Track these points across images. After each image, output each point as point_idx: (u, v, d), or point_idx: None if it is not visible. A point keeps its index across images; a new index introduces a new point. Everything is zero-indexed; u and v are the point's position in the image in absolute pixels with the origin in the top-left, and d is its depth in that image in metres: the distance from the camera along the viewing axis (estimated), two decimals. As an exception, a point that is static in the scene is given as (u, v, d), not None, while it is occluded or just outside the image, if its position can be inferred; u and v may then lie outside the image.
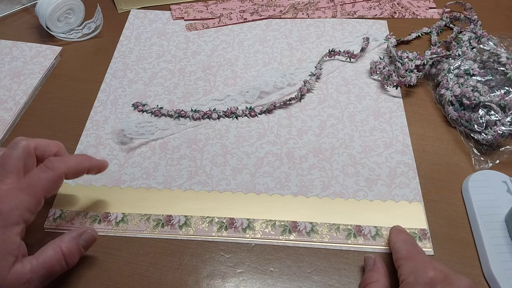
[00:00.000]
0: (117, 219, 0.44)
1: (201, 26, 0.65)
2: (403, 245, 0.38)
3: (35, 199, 0.36)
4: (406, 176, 0.48)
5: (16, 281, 0.33)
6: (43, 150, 0.39)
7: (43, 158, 0.39)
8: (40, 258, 0.35)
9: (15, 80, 0.56)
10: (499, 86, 0.52)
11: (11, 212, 0.34)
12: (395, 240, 0.40)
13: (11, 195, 0.35)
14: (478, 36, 0.59)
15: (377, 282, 0.37)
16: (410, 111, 0.54)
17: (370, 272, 0.38)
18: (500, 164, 0.48)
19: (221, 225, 0.43)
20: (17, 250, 0.34)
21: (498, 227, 0.43)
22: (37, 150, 0.39)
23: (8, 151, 0.37)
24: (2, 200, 0.34)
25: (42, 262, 0.35)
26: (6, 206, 0.34)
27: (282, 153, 0.49)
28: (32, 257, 0.35)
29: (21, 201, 0.35)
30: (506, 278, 0.39)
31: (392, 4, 0.69)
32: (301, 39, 0.63)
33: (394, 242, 0.40)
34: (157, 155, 0.49)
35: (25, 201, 0.35)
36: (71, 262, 0.37)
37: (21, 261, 0.34)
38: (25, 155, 0.37)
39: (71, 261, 0.37)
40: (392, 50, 0.58)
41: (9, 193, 0.35)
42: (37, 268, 0.35)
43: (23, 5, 0.67)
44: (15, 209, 0.35)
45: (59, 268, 0.36)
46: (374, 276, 0.37)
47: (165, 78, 0.57)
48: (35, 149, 0.39)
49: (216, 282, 0.40)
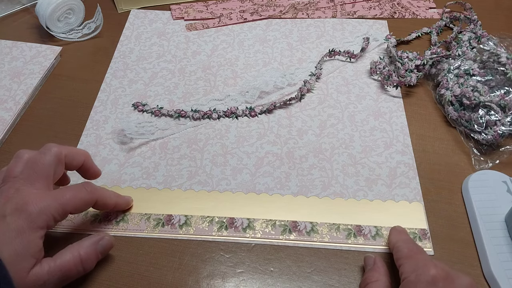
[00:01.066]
0: (118, 219, 0.44)
1: (201, 26, 0.65)
2: (404, 244, 0.38)
3: (63, 208, 0.36)
4: (406, 176, 0.48)
5: (33, 282, 0.34)
6: (71, 158, 0.40)
7: (71, 165, 0.40)
8: (58, 261, 0.36)
9: (15, 80, 0.56)
10: (499, 86, 0.52)
11: (39, 215, 0.35)
12: (395, 240, 0.40)
13: (41, 199, 0.35)
14: (478, 36, 0.59)
15: (378, 281, 0.37)
16: (410, 111, 0.54)
17: (371, 271, 0.38)
18: (500, 164, 0.48)
19: (221, 224, 0.43)
20: (38, 253, 0.35)
21: (498, 227, 0.43)
22: (67, 158, 0.40)
23: (39, 155, 0.38)
24: (32, 202, 0.35)
25: (59, 265, 0.35)
26: (35, 208, 0.35)
27: (282, 153, 0.49)
28: (50, 259, 0.36)
29: (49, 206, 0.35)
30: (506, 278, 0.39)
31: (392, 4, 0.69)
32: (301, 39, 0.63)
33: (395, 241, 0.40)
34: (157, 155, 0.49)
35: (53, 207, 0.36)
36: (88, 267, 0.38)
37: (40, 263, 0.35)
38: (56, 162, 0.38)
39: (88, 266, 0.38)
40: (392, 50, 0.58)
41: (39, 197, 0.36)
42: (54, 271, 0.35)
43: (23, 5, 0.67)
44: (43, 213, 0.35)
45: (75, 272, 0.37)
46: (375, 276, 0.37)
47: (165, 78, 0.57)
48: (65, 156, 0.39)
49: (216, 282, 0.40)
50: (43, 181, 0.37)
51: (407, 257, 0.37)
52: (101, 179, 0.47)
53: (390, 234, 0.42)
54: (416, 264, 0.35)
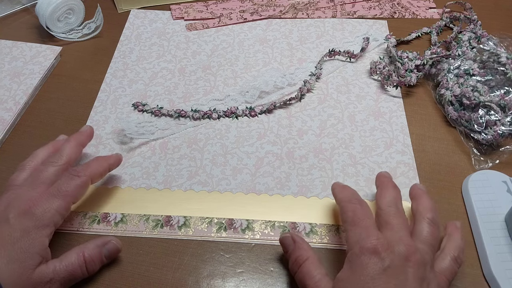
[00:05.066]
0: (116, 220, 0.44)
1: (201, 26, 0.65)
2: (348, 206, 0.37)
3: (65, 202, 0.38)
4: (406, 176, 0.48)
5: (39, 280, 0.34)
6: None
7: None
8: (63, 262, 0.36)
9: (15, 80, 0.56)
10: (499, 86, 0.52)
11: (43, 214, 0.36)
12: (339, 198, 0.39)
13: (42, 199, 0.37)
14: (478, 36, 0.59)
15: (309, 258, 0.36)
16: (410, 111, 0.54)
17: (297, 251, 0.37)
18: (500, 164, 0.48)
19: (220, 225, 0.43)
20: (44, 252, 0.36)
21: (498, 227, 0.43)
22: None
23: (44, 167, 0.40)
24: (34, 204, 0.36)
25: (65, 266, 0.36)
26: (39, 208, 0.36)
27: (282, 153, 0.49)
28: (56, 259, 0.37)
29: (52, 204, 0.37)
30: (506, 278, 0.39)
31: (392, 4, 0.69)
32: (301, 39, 0.63)
33: (339, 201, 0.39)
34: (157, 155, 0.49)
35: (56, 204, 0.37)
36: (92, 269, 0.38)
37: (46, 262, 0.36)
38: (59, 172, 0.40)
39: (92, 268, 0.38)
40: (392, 50, 0.58)
41: (41, 197, 0.37)
42: (60, 271, 0.36)
43: (23, 5, 0.67)
44: (47, 211, 0.36)
45: (80, 273, 0.37)
46: (303, 254, 0.37)
47: (165, 78, 0.57)
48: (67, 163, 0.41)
49: (216, 282, 0.40)
50: (44, 186, 0.39)
51: (351, 224, 0.36)
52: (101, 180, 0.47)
53: (333, 190, 0.41)
54: (360, 234, 0.34)
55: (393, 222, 0.36)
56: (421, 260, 0.33)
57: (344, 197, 0.39)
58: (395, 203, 0.38)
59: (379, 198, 0.39)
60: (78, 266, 0.37)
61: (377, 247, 0.33)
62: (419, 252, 0.34)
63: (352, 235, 0.35)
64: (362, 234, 0.34)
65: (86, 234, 0.43)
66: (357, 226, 0.35)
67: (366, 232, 0.34)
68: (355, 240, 0.34)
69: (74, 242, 0.42)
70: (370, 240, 0.33)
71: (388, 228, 0.35)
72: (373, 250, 0.33)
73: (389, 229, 0.35)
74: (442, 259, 0.37)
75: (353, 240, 0.34)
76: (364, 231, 0.34)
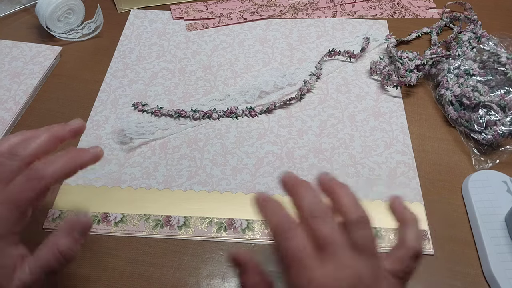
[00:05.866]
0: (116, 220, 0.44)
1: (201, 26, 0.65)
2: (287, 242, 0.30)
3: (19, 211, 0.32)
4: (406, 176, 0.48)
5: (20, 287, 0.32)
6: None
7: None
8: (38, 262, 0.33)
9: (15, 80, 0.56)
10: (499, 86, 0.52)
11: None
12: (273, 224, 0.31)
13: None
14: (478, 36, 0.59)
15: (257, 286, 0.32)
16: (410, 111, 0.54)
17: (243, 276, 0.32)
18: (500, 164, 0.48)
19: (220, 226, 0.43)
20: (11, 260, 0.32)
21: (498, 227, 0.43)
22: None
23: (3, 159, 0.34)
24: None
25: (39, 265, 0.33)
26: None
27: (282, 153, 0.49)
28: (30, 259, 0.33)
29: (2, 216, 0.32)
30: (506, 278, 0.39)
31: (392, 4, 0.69)
32: (301, 39, 0.63)
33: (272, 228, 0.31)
34: (157, 155, 0.49)
35: (5, 215, 0.32)
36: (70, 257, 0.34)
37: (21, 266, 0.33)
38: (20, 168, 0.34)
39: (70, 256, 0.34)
40: (392, 50, 0.58)
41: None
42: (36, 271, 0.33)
43: (23, 5, 0.67)
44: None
45: (58, 266, 0.34)
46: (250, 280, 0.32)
47: (165, 78, 0.57)
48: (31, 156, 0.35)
49: (216, 282, 0.40)
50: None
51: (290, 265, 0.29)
52: (101, 180, 0.47)
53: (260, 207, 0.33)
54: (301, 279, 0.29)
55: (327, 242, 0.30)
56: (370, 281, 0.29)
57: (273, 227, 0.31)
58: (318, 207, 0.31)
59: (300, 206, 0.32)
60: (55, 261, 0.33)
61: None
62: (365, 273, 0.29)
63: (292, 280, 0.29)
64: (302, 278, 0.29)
65: (86, 234, 0.43)
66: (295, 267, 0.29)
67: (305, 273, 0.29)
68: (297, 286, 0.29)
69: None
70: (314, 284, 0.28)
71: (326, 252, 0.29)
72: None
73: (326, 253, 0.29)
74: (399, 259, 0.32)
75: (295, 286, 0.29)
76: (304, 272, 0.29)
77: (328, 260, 0.29)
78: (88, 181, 0.47)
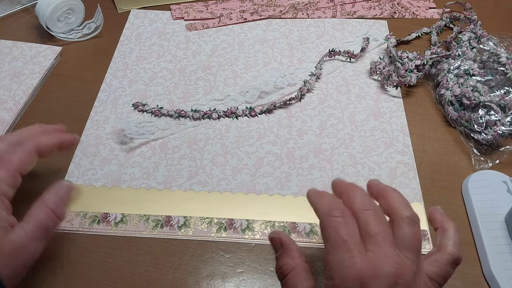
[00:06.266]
0: (116, 220, 0.44)
1: (201, 26, 0.65)
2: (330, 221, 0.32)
3: (9, 172, 0.36)
4: (406, 176, 0.48)
5: (14, 249, 0.33)
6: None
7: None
8: (31, 222, 0.35)
9: (15, 80, 0.56)
10: (499, 86, 0.52)
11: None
12: (318, 209, 0.33)
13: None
14: (478, 36, 0.59)
15: (294, 270, 0.32)
16: (410, 111, 0.54)
17: (283, 258, 0.33)
18: (500, 164, 0.48)
19: (220, 226, 0.43)
20: (4, 221, 0.34)
21: (498, 227, 0.43)
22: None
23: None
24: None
25: (34, 225, 0.34)
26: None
27: (282, 153, 0.49)
28: (22, 223, 0.35)
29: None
30: (506, 278, 0.39)
31: (392, 4, 0.69)
32: (301, 39, 0.63)
33: (318, 213, 0.33)
34: (157, 155, 0.49)
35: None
36: (61, 215, 0.37)
37: (13, 230, 0.34)
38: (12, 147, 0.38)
39: (61, 215, 0.36)
40: (392, 50, 0.58)
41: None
42: (31, 231, 0.34)
43: (23, 5, 0.67)
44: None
45: (52, 224, 0.36)
46: (289, 263, 0.33)
47: (165, 78, 0.57)
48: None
49: (216, 282, 0.40)
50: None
51: (333, 246, 0.30)
52: (101, 180, 0.47)
53: (309, 198, 0.35)
54: (342, 262, 0.30)
55: (375, 232, 0.31)
56: (410, 277, 0.30)
57: (323, 208, 0.33)
58: (369, 203, 0.33)
59: (351, 203, 0.33)
60: (48, 219, 0.35)
61: (361, 276, 0.29)
62: (407, 267, 0.30)
63: (333, 260, 0.30)
64: (344, 260, 0.30)
65: (86, 234, 0.43)
66: (339, 249, 0.30)
67: (349, 257, 0.30)
68: (337, 267, 0.30)
69: (74, 242, 0.42)
70: (353, 268, 0.29)
71: (371, 242, 0.31)
72: (357, 280, 0.29)
73: (372, 243, 0.31)
74: (437, 262, 0.33)
75: (335, 267, 0.30)
76: (347, 255, 0.30)
77: (373, 249, 0.30)
78: (88, 181, 0.47)
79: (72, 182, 0.39)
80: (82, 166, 0.48)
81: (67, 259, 0.41)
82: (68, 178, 0.47)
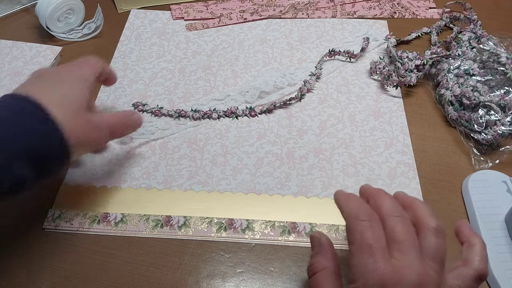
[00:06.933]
0: (116, 219, 0.44)
1: (201, 26, 0.65)
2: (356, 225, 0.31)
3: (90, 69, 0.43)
4: (406, 176, 0.48)
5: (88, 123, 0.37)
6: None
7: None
8: (105, 117, 0.40)
9: (15, 80, 0.56)
10: (499, 86, 0.52)
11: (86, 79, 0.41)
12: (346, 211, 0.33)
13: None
14: (478, 36, 0.59)
15: (325, 270, 0.33)
16: (410, 111, 0.54)
17: (317, 256, 0.34)
18: (500, 164, 0.48)
19: (220, 225, 0.43)
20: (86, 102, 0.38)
21: (498, 227, 0.43)
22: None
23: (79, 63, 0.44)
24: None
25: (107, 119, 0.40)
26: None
27: (282, 153, 0.49)
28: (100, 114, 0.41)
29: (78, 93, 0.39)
30: (506, 278, 0.39)
31: (392, 4, 0.69)
32: (301, 39, 0.63)
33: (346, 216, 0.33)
34: (157, 155, 0.49)
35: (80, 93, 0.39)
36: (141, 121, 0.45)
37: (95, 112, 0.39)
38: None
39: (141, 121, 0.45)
40: (392, 50, 0.58)
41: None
42: (104, 121, 0.39)
43: (23, 5, 0.67)
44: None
45: (121, 130, 0.43)
46: (321, 262, 0.33)
47: (165, 78, 0.57)
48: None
49: (216, 282, 0.40)
50: None
51: (358, 249, 0.30)
52: (101, 180, 0.47)
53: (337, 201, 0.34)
54: (366, 265, 0.29)
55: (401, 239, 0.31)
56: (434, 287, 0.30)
57: (351, 211, 0.32)
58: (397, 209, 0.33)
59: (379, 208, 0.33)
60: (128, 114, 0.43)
61: (384, 282, 0.29)
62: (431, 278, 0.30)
63: (357, 263, 0.30)
64: (368, 265, 0.29)
65: (86, 234, 0.43)
66: (364, 253, 0.30)
67: (373, 261, 0.29)
68: (360, 271, 0.30)
69: (74, 242, 0.42)
70: (377, 273, 0.29)
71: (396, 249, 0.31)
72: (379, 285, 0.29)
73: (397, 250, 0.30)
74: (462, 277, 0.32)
75: (358, 270, 0.30)
76: (372, 260, 0.30)
77: (397, 256, 0.30)
78: (89, 181, 0.47)
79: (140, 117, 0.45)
80: (82, 166, 0.48)
81: (67, 259, 0.41)
82: (68, 178, 0.47)
